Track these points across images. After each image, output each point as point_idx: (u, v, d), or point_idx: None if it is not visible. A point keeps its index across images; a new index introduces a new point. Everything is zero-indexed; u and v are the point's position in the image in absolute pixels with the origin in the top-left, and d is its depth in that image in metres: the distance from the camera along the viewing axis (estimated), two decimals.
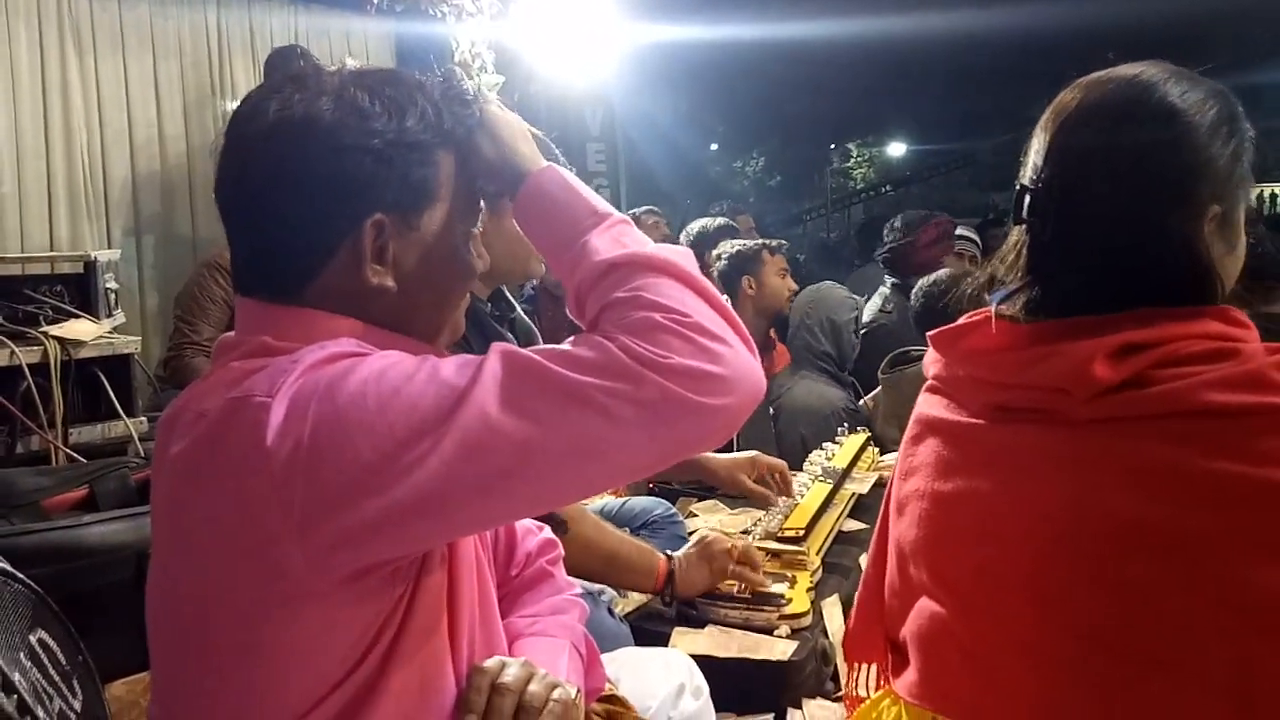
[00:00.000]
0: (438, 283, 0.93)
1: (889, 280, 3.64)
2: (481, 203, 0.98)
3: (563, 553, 1.20)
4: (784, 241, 3.28)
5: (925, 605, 1.03)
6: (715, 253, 3.20)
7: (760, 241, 3.16)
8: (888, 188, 14.03)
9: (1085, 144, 0.96)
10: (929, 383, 1.10)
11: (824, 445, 2.37)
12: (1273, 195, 17.04)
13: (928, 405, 1.09)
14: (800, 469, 2.27)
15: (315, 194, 0.84)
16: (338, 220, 0.85)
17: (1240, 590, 0.83)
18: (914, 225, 3.55)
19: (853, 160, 15.68)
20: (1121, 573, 0.87)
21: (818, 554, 1.87)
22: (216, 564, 0.78)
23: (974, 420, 1.01)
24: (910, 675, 1.04)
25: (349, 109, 0.85)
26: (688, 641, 1.57)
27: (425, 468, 0.71)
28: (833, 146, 15.63)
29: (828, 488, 2.09)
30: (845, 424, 2.53)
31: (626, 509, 2.09)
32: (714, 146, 13.62)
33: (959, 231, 3.81)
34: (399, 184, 0.87)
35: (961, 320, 1.05)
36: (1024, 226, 1.01)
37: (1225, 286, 0.98)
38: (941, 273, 2.95)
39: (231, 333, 0.90)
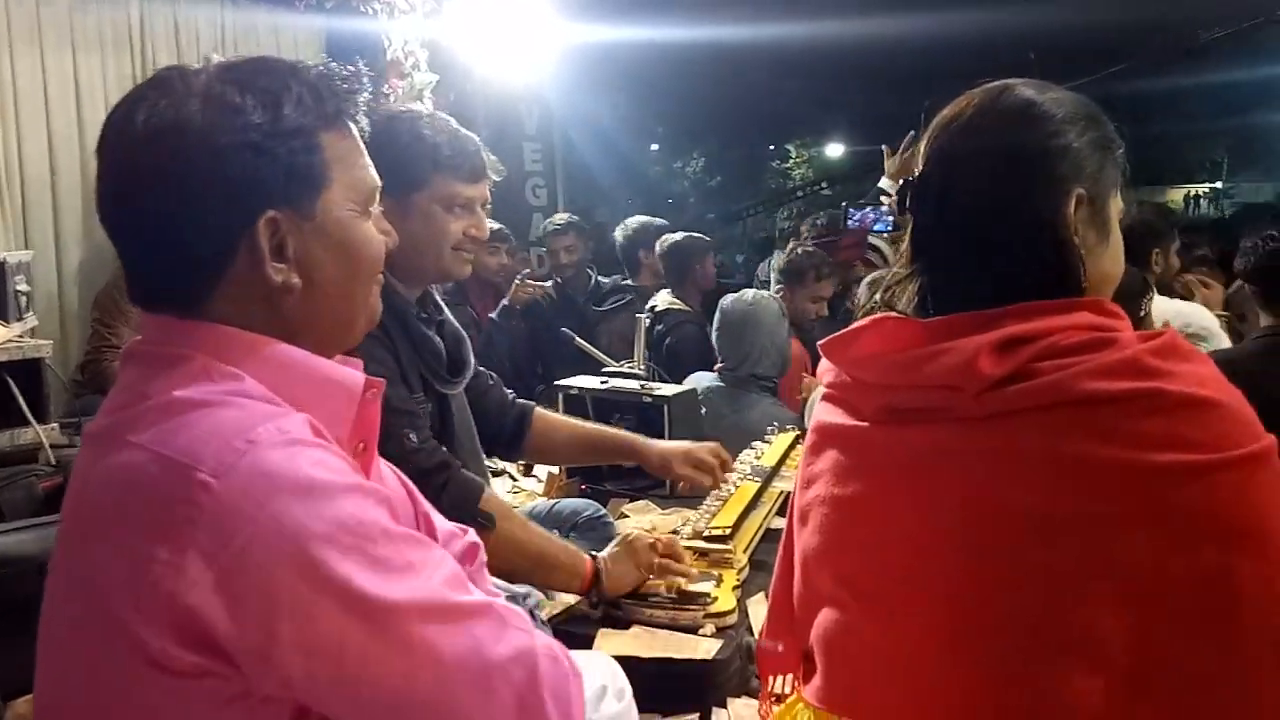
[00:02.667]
0: (345, 269, 0.92)
1: None
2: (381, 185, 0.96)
3: (485, 558, 1.19)
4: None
5: (829, 611, 1.05)
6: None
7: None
8: (823, 185, 14.22)
9: (954, 142, 1.02)
10: (825, 391, 1.12)
11: (753, 445, 2.38)
12: (1195, 197, 17.70)
13: (825, 413, 1.11)
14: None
15: (200, 200, 0.83)
16: (228, 223, 0.84)
17: (1128, 567, 0.86)
18: (837, 226, 3.59)
19: (791, 161, 15.85)
20: (1020, 562, 0.90)
21: (745, 552, 1.88)
22: (88, 601, 0.78)
23: (869, 424, 1.04)
24: (817, 681, 1.05)
25: (220, 107, 0.83)
26: (612, 643, 1.57)
27: None
28: (772, 147, 15.80)
29: (755, 486, 2.11)
30: (775, 424, 2.55)
31: (556, 510, 2.09)
32: (654, 146, 13.66)
33: (871, 241, 3.86)
34: (285, 175, 0.85)
35: (852, 325, 1.07)
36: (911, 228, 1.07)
37: (1106, 279, 1.04)
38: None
39: (139, 338, 0.88)
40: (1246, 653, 0.85)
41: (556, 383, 2.65)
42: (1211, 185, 17.17)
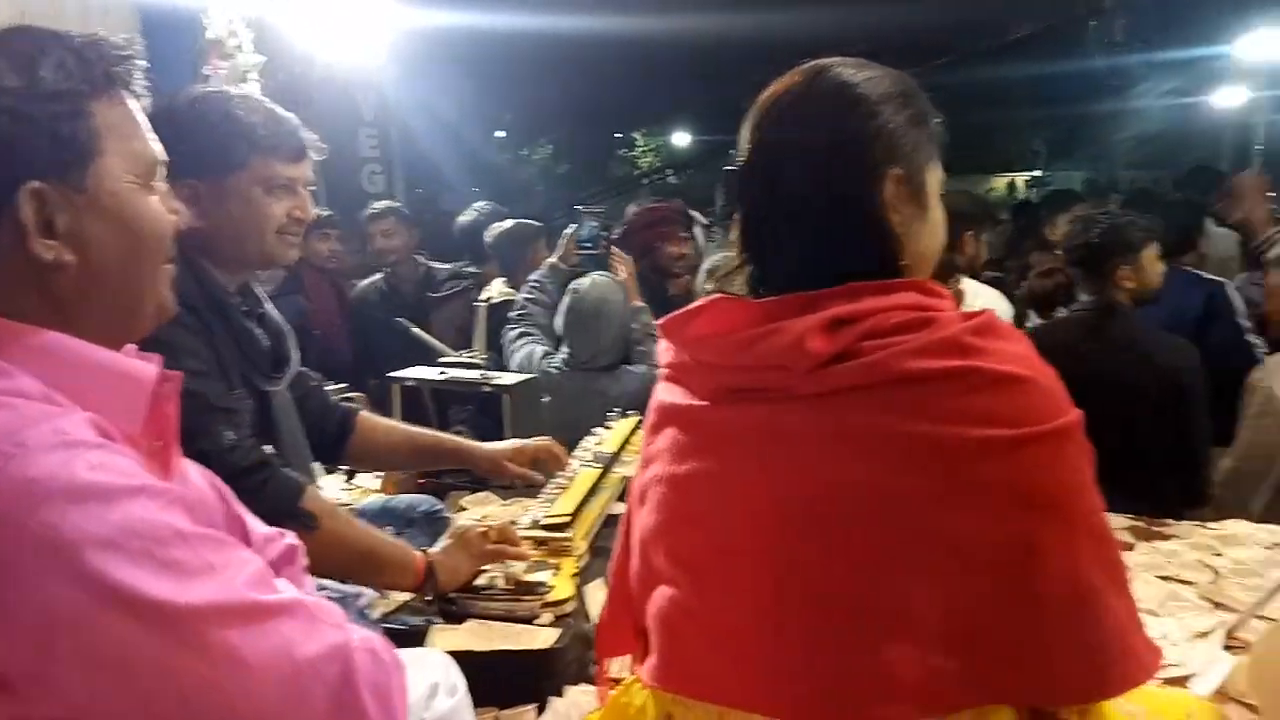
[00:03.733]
0: (126, 246, 0.86)
1: None
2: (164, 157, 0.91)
3: (306, 561, 1.15)
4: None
5: (664, 589, 1.06)
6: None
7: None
8: (670, 173, 14.36)
9: (774, 126, 1.05)
10: (664, 371, 1.13)
11: (594, 430, 2.38)
12: (1011, 184, 18.84)
13: (664, 393, 1.12)
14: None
15: None
16: None
17: (945, 539, 0.90)
18: (640, 211, 3.54)
19: (638, 149, 15.95)
20: (847, 537, 0.93)
21: (585, 539, 1.88)
22: None
23: (705, 403, 1.05)
24: (652, 660, 1.06)
25: None
26: (446, 638, 1.54)
27: None
28: (619, 135, 15.85)
29: (596, 472, 2.11)
30: (617, 408, 2.56)
31: (390, 507, 2.04)
32: (500, 133, 13.47)
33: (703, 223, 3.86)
34: (48, 143, 0.79)
35: (690, 306, 1.08)
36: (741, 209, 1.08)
37: (928, 253, 1.08)
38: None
39: None
40: (1047, 609, 0.90)
41: (390, 375, 2.58)
42: (1032, 174, 18.27)
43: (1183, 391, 2.69)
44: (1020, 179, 18.01)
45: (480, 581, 1.67)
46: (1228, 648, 1.71)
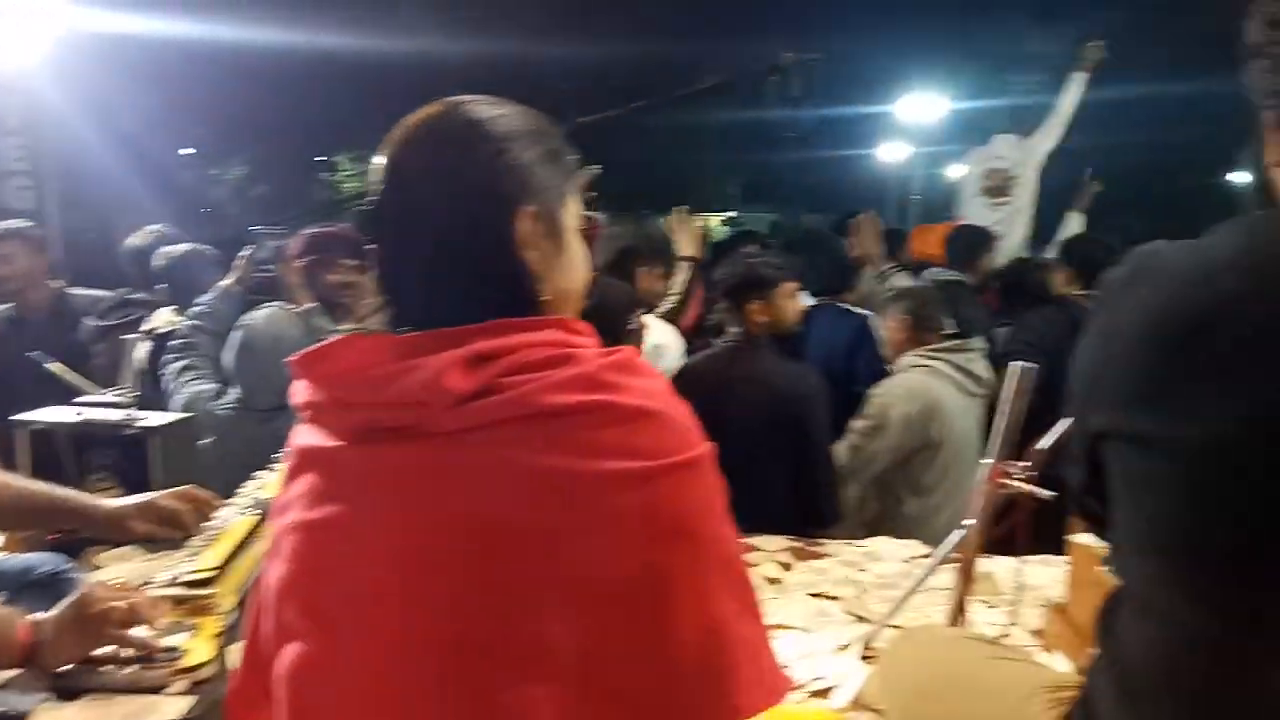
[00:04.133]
0: None
1: None
2: None
3: None
4: None
5: (294, 646, 0.99)
6: None
7: None
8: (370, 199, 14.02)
9: (406, 163, 1.03)
10: (301, 412, 1.06)
11: (256, 474, 2.22)
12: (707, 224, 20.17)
13: (303, 435, 1.06)
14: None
15: None
16: None
17: (579, 574, 0.90)
18: (300, 237, 3.24)
19: (340, 173, 15.41)
20: (482, 576, 0.91)
21: (235, 593, 1.73)
22: None
23: (342, 444, 1.00)
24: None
25: None
26: (53, 718, 1.36)
27: None
28: (324, 159, 15.25)
29: (253, 520, 1.96)
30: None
31: (3, 568, 1.78)
32: (188, 150, 12.55)
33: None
34: None
35: (322, 343, 1.04)
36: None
37: (570, 290, 1.09)
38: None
39: None
40: (679, 639, 0.92)
41: (15, 417, 2.27)
42: (727, 214, 19.60)
43: (800, 418, 2.93)
44: (715, 220, 19.26)
45: (100, 651, 1.48)
46: (864, 658, 1.86)
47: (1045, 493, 1.51)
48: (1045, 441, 1.59)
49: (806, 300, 4.13)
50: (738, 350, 3.01)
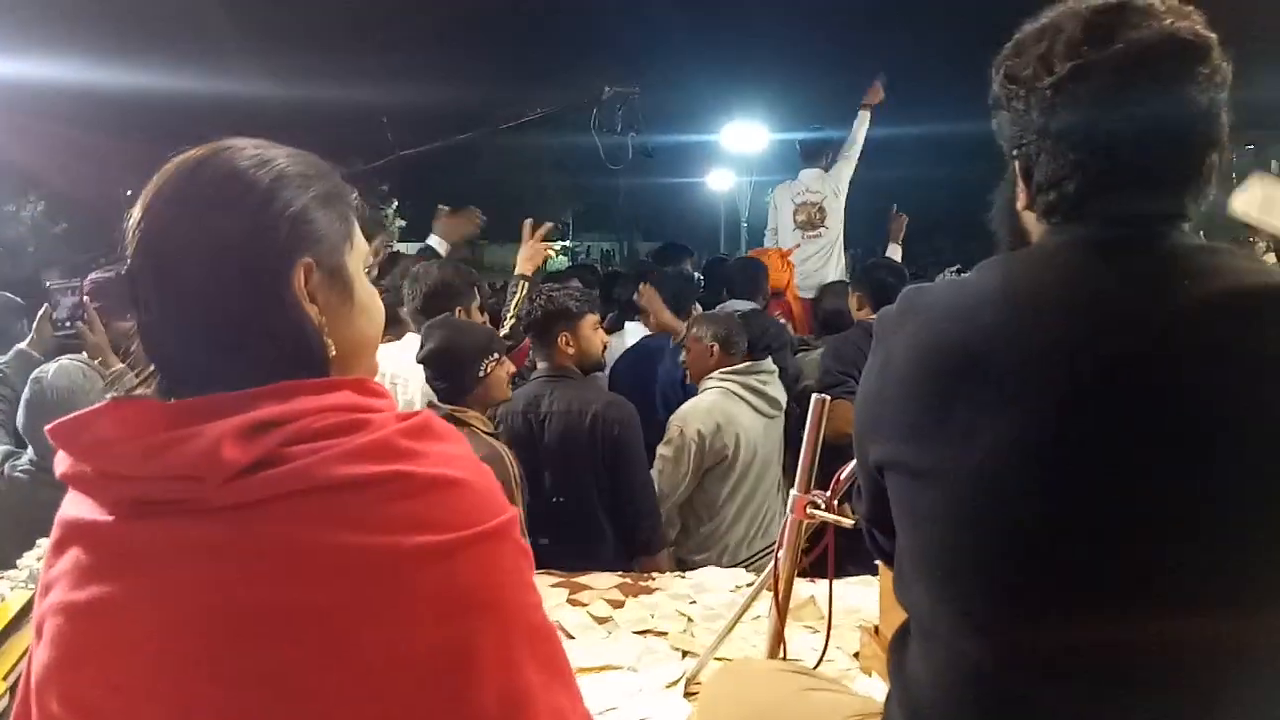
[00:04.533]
0: None
1: None
2: None
3: None
4: None
5: None
6: None
7: None
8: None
9: (163, 219, 0.93)
10: (68, 482, 0.97)
11: (38, 542, 2.05)
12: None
13: (70, 506, 0.96)
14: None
15: None
16: None
17: (377, 655, 0.84)
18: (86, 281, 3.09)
19: None
20: (268, 662, 0.83)
21: (4, 679, 1.58)
22: None
23: (110, 518, 0.90)
24: None
25: None
26: None
27: None
28: (130, 192, 14.43)
29: (27, 595, 1.80)
30: None
31: None
32: None
33: None
34: None
35: (84, 410, 0.94)
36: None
37: (363, 341, 1.03)
38: None
39: None
40: (480, 713, 0.87)
41: None
42: (562, 243, 19.74)
43: (619, 445, 2.99)
44: (551, 249, 19.42)
45: None
46: (688, 694, 1.86)
47: (848, 521, 1.56)
48: (849, 469, 1.64)
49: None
50: (548, 382, 3.05)
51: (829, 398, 1.67)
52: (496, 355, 2.78)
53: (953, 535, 1.04)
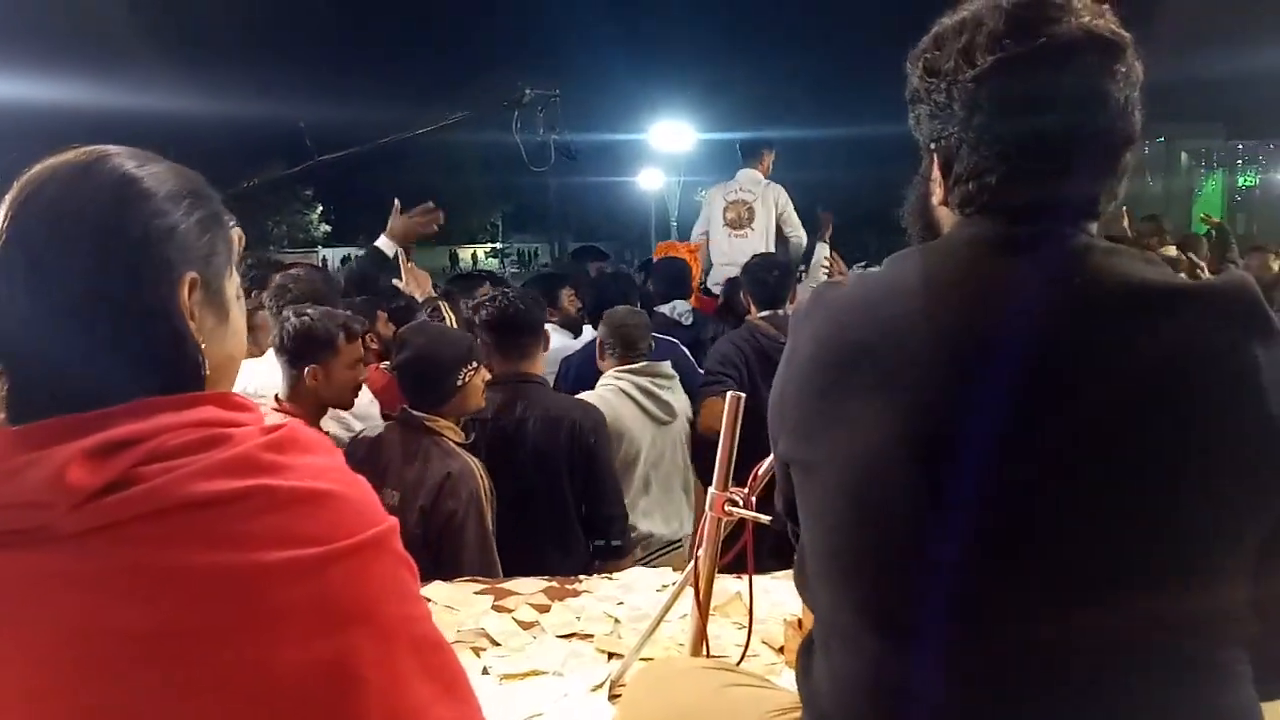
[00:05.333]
0: None
1: None
2: None
3: None
4: None
5: None
6: None
7: None
8: None
9: (38, 222, 0.89)
10: None
11: None
12: (474, 255, 20.26)
13: None
14: None
15: None
16: None
17: (251, 677, 0.82)
18: None
19: None
20: (130, 691, 0.81)
21: None
22: None
23: None
24: None
25: None
26: None
27: None
28: None
29: None
30: None
31: None
32: None
33: None
34: None
35: None
36: None
37: (230, 361, 1.01)
38: None
39: None
40: None
41: None
42: (493, 244, 19.69)
43: (591, 449, 3.00)
44: (482, 250, 19.30)
45: None
46: (612, 696, 1.85)
47: (765, 518, 1.56)
48: (766, 465, 1.64)
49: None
50: (512, 389, 3.02)
51: (743, 395, 1.67)
52: (475, 364, 2.74)
53: (846, 531, 1.03)
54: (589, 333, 4.44)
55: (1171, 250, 6.57)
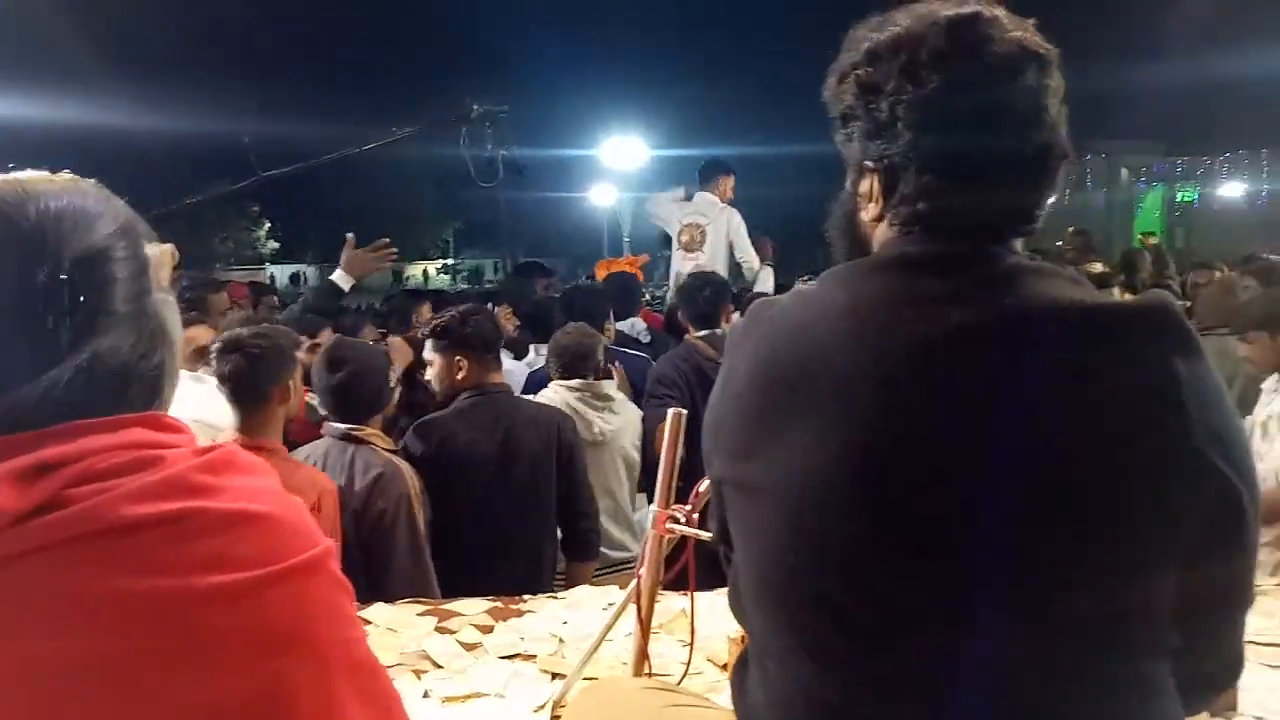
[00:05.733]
0: None
1: None
2: None
3: None
4: None
5: None
6: None
7: None
8: None
9: None
10: None
11: None
12: (425, 271, 20.14)
13: None
14: None
15: None
16: None
17: (182, 706, 0.80)
18: None
19: None
20: (64, 718, 0.78)
21: None
22: None
23: None
24: None
25: None
26: None
27: None
28: None
29: None
30: None
31: None
32: None
33: None
34: None
35: None
36: None
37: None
38: None
39: None
40: None
41: None
42: (444, 260, 19.59)
43: (573, 447, 3.13)
44: (433, 266, 19.19)
45: None
46: (554, 718, 1.83)
47: (707, 535, 1.55)
48: (707, 483, 1.64)
49: None
50: (471, 402, 3.07)
51: (685, 412, 1.67)
52: (396, 370, 2.86)
53: (781, 554, 1.03)
54: (532, 353, 4.41)
55: (1098, 266, 6.74)
